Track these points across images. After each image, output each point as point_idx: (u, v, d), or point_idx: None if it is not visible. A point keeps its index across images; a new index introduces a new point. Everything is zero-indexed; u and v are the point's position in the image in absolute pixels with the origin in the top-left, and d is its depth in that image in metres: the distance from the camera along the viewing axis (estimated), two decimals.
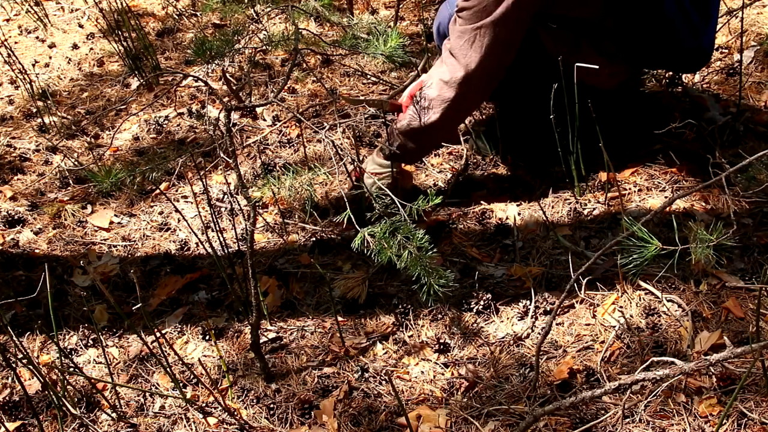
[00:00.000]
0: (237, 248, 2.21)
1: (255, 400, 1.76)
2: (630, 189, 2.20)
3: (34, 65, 3.41)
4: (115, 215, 2.45)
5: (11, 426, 1.74)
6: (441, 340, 1.82)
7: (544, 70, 2.12)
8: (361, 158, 2.49)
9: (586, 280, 1.90)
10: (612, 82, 2.19)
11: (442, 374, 1.77)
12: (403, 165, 2.32)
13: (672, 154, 2.16)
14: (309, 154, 2.56)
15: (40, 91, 3.11)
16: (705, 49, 2.16)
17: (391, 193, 1.53)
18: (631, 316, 1.82)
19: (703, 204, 2.10)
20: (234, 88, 2.86)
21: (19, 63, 3.05)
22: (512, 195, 2.28)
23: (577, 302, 1.89)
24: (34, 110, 3.01)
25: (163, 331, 1.97)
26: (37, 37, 3.71)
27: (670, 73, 2.55)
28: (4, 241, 2.35)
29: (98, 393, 1.78)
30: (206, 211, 2.35)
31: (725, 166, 1.28)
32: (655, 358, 1.56)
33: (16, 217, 2.44)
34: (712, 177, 1.26)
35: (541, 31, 2.10)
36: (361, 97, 2.79)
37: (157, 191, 2.50)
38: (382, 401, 1.72)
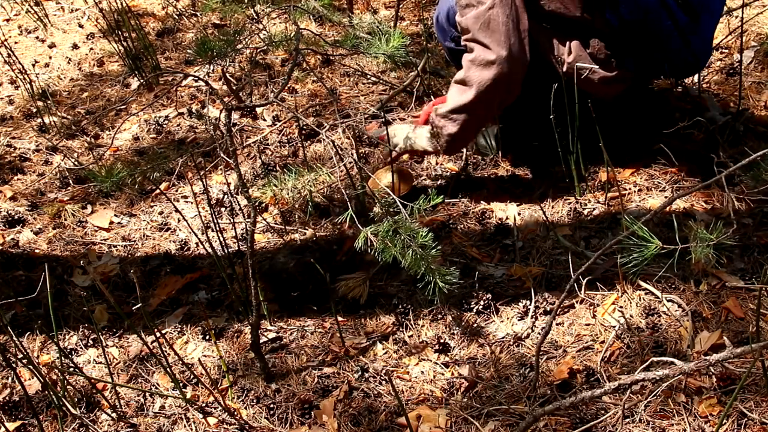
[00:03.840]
0: (237, 248, 2.21)
1: (255, 400, 1.76)
2: (630, 189, 2.20)
3: (34, 65, 3.41)
4: (115, 215, 2.45)
5: (11, 426, 1.74)
6: (441, 340, 1.82)
7: (544, 71, 2.12)
8: (359, 158, 2.49)
9: (586, 280, 1.90)
10: (607, 91, 2.15)
11: (442, 374, 1.77)
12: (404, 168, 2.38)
13: (672, 154, 2.15)
14: (308, 154, 2.56)
15: (40, 91, 3.11)
16: (695, 52, 2.10)
17: (392, 193, 1.53)
18: (631, 316, 1.82)
19: (704, 204, 2.10)
20: (234, 88, 2.86)
21: (19, 63, 3.04)
22: (512, 195, 2.28)
23: (577, 302, 1.89)
24: (34, 110, 3.01)
25: (163, 331, 1.97)
26: (37, 37, 3.71)
27: None
28: (4, 241, 2.35)
29: (98, 393, 1.78)
30: (206, 211, 2.35)
31: (729, 164, 1.28)
32: (655, 358, 1.56)
33: (16, 217, 2.44)
34: (715, 176, 1.26)
35: (535, 28, 2.09)
36: (381, 129, 2.56)
37: (157, 191, 2.50)
38: (382, 401, 1.72)
